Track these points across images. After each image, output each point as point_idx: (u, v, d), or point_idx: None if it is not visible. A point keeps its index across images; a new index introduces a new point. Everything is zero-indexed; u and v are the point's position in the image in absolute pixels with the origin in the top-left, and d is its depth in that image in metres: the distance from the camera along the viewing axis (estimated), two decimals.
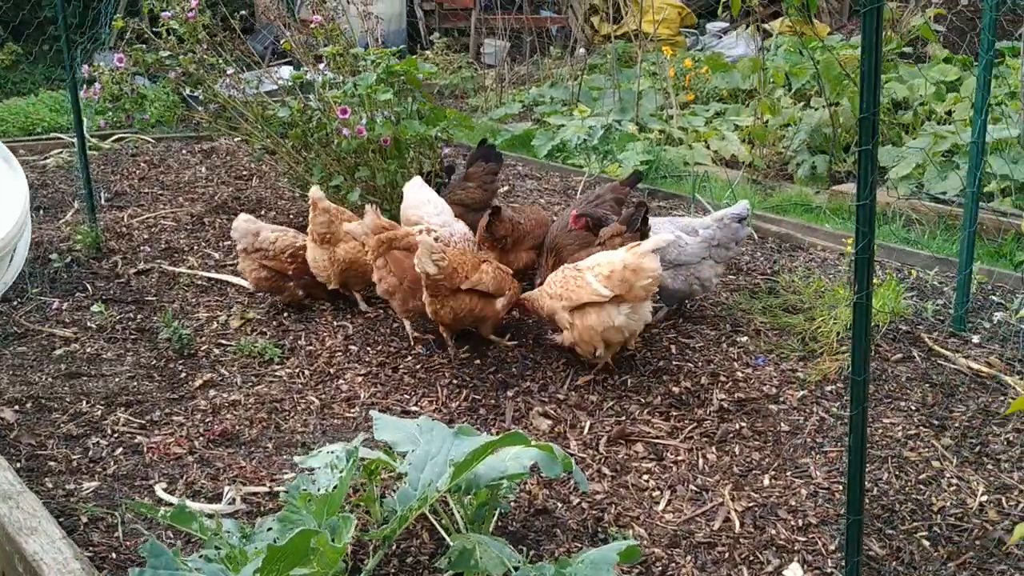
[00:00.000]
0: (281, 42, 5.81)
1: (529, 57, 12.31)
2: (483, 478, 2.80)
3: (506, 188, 7.39)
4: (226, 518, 2.94)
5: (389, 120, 5.05)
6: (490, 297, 4.32)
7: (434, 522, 3.14)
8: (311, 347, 4.61)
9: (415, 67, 5.15)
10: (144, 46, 5.32)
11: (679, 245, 4.51)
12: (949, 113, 8.15)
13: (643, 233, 4.37)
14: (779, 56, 9.91)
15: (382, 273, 4.49)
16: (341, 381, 4.28)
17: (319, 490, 2.73)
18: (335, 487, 2.67)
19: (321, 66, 5.37)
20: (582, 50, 12.06)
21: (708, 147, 8.66)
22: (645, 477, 3.60)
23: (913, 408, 4.00)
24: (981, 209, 5.05)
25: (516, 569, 2.70)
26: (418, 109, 5.33)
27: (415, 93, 5.33)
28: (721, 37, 13.46)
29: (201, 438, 3.81)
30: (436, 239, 4.68)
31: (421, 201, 4.93)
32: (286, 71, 6.21)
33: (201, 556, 2.46)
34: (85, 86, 5.41)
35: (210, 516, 2.88)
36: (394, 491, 3.09)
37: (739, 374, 4.25)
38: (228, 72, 5.40)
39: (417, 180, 5.02)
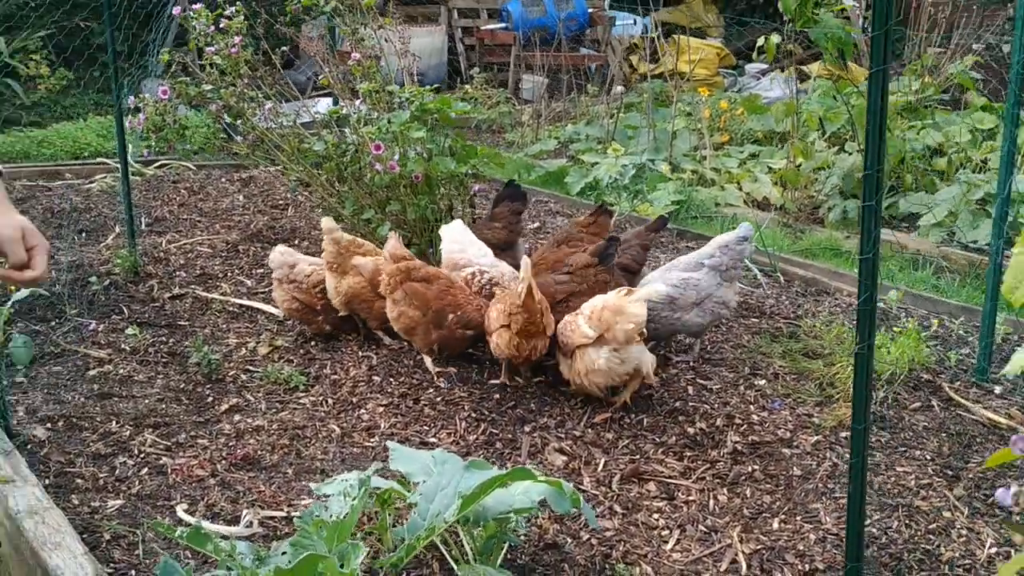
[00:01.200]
0: (320, 78, 5.96)
1: (567, 94, 12.45)
2: (491, 511, 2.87)
3: (536, 224, 7.50)
4: (241, 541, 3.03)
5: (421, 156, 5.17)
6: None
7: (444, 553, 3.21)
8: (336, 376, 4.72)
9: (449, 105, 5.28)
10: (188, 79, 5.51)
11: (692, 286, 4.62)
12: (984, 161, 8.14)
13: (611, 266, 4.62)
14: (814, 100, 9.96)
15: (401, 308, 4.58)
16: (363, 411, 4.38)
17: (331, 517, 2.81)
18: (347, 515, 2.75)
19: (357, 102, 5.52)
20: (620, 88, 12.19)
21: (740, 188, 8.72)
22: (656, 516, 3.64)
23: (928, 458, 4.01)
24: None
25: None
26: (450, 146, 5.45)
27: (447, 131, 5.45)
28: (759, 79, 13.56)
29: (224, 461, 3.92)
30: (490, 280, 4.78)
31: (466, 243, 5.01)
32: (324, 104, 6.40)
33: None
34: (130, 115, 5.60)
35: (225, 538, 2.97)
36: (406, 520, 3.17)
37: (755, 417, 4.28)
38: (267, 106, 5.57)
39: (458, 223, 5.11)
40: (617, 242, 4.64)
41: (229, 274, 6.03)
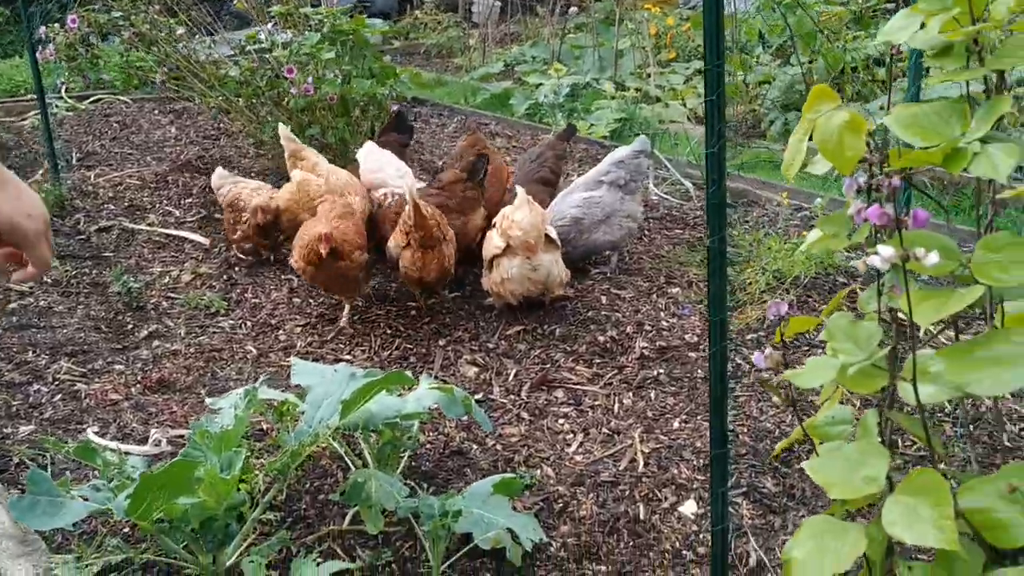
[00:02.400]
0: (234, 2, 5.88)
1: (513, 16, 12.30)
2: (378, 416, 2.93)
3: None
4: (138, 457, 3.10)
5: (335, 79, 5.14)
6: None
7: (348, 462, 3.29)
8: (256, 300, 4.75)
9: (363, 26, 5.23)
10: (97, 6, 5.42)
11: (595, 203, 4.67)
12: (927, 69, 8.12)
13: (481, 182, 4.64)
14: (755, 14, 9.89)
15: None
16: (280, 332, 4.43)
17: (220, 428, 2.87)
18: (235, 423, 2.81)
19: (269, 25, 5.46)
20: (574, 8, 12.05)
21: (685, 105, 8.71)
22: (561, 421, 3.73)
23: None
24: None
25: (405, 499, 2.85)
26: (370, 67, 5.41)
27: (367, 52, 5.41)
28: None
29: (138, 385, 3.97)
30: (401, 200, 4.78)
31: (382, 163, 5.01)
32: (244, 33, 6.31)
33: (91, 485, 2.61)
34: (41, 47, 5.52)
35: (115, 452, 3.04)
36: None
37: (664, 324, 4.36)
38: (179, 32, 5.50)
39: (370, 144, 5.11)
40: (486, 159, 4.65)
41: (157, 205, 6.01)
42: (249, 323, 4.53)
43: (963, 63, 1.46)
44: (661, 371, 4.01)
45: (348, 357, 4.18)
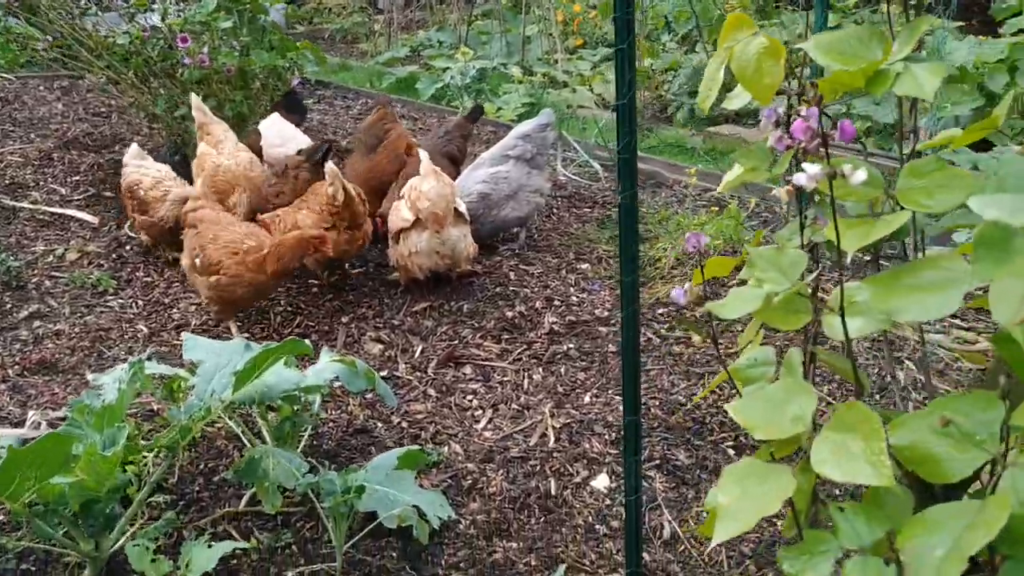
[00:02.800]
0: None
1: (419, 2, 12.12)
2: (275, 389, 2.76)
3: None
4: (11, 440, 2.87)
5: (234, 50, 4.92)
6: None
7: (245, 441, 3.11)
8: (149, 278, 4.51)
9: None
10: None
11: (502, 178, 4.56)
12: None
13: (322, 164, 4.37)
14: (666, 2, 9.94)
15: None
16: (175, 310, 4.20)
17: (103, 404, 2.66)
18: (118, 398, 2.61)
19: None
20: None
21: (592, 91, 8.68)
22: (469, 397, 3.62)
23: (739, 329, 4.08)
24: (833, 147, 5.13)
25: (305, 475, 2.69)
26: (269, 40, 5.20)
27: (266, 25, 5.19)
28: None
29: (17, 367, 3.70)
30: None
31: (286, 138, 4.79)
32: None
33: None
34: None
35: None
36: None
37: (574, 299, 4.28)
38: None
39: (276, 116, 4.90)
40: (329, 145, 4.49)
41: (41, 183, 5.66)
42: (140, 302, 4.28)
43: None
44: (571, 346, 3.92)
45: (247, 334, 3.98)
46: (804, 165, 1.22)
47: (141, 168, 4.73)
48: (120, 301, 4.29)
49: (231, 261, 3.82)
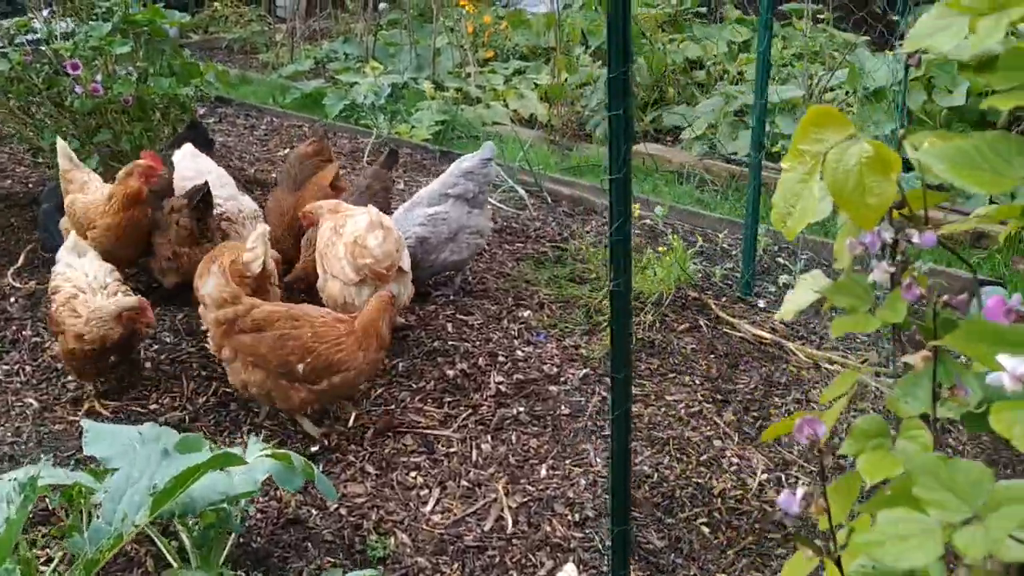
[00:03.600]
0: None
1: (323, 11, 11.60)
2: (200, 502, 2.36)
3: (287, 150, 6.84)
4: None
5: (130, 77, 4.42)
6: None
7: (161, 548, 2.69)
8: (37, 338, 3.99)
9: (161, 16, 4.52)
10: None
11: (441, 220, 4.20)
12: (741, 73, 8.14)
13: (204, 208, 4.07)
14: (577, 13, 9.70)
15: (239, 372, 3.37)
16: (69, 378, 3.70)
17: None
18: (4, 530, 2.16)
19: (45, 12, 4.65)
20: (384, 4, 11.48)
21: (507, 106, 8.36)
22: (413, 474, 3.26)
23: (698, 382, 3.83)
24: (767, 169, 4.94)
25: None
26: (170, 64, 4.71)
27: (165, 47, 4.70)
28: None
29: None
30: (222, 215, 4.18)
31: (200, 171, 4.31)
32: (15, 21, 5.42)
33: None
34: None
35: None
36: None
37: (519, 353, 3.95)
38: None
39: (189, 148, 4.43)
40: (207, 187, 4.04)
41: None
42: (28, 368, 3.78)
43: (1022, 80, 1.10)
44: (521, 409, 3.59)
45: (156, 407, 3.53)
46: (1004, 359, 0.90)
47: (68, 270, 3.62)
48: (4, 367, 3.77)
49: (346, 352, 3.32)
